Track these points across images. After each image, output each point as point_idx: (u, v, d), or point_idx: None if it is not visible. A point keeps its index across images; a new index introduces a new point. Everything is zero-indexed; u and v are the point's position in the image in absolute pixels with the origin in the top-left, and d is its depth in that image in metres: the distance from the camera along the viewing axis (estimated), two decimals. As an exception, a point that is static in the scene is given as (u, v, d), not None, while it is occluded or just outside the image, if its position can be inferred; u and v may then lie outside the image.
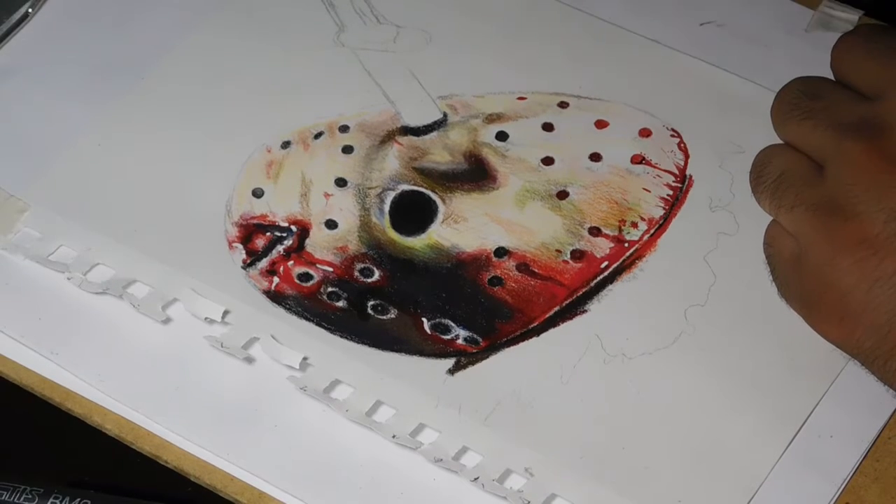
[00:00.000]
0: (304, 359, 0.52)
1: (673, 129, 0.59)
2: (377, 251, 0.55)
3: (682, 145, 0.59)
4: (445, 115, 0.60)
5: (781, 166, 0.51)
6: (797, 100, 0.51)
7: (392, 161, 0.58)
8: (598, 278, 0.55)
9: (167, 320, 0.54)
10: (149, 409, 0.51)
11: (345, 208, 0.57)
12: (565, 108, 0.60)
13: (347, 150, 0.58)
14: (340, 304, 0.54)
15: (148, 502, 0.50)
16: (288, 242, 0.56)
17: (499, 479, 0.50)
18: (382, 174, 0.58)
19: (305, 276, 0.55)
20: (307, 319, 0.53)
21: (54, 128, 0.59)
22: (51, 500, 0.49)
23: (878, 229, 0.47)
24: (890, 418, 0.51)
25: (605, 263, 0.55)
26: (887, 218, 0.47)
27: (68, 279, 0.54)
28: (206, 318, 0.53)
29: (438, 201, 0.57)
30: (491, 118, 0.60)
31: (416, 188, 0.57)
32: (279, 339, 0.53)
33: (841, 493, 0.49)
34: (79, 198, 0.57)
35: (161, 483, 0.51)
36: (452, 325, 0.53)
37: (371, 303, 0.54)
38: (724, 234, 0.56)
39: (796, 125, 0.51)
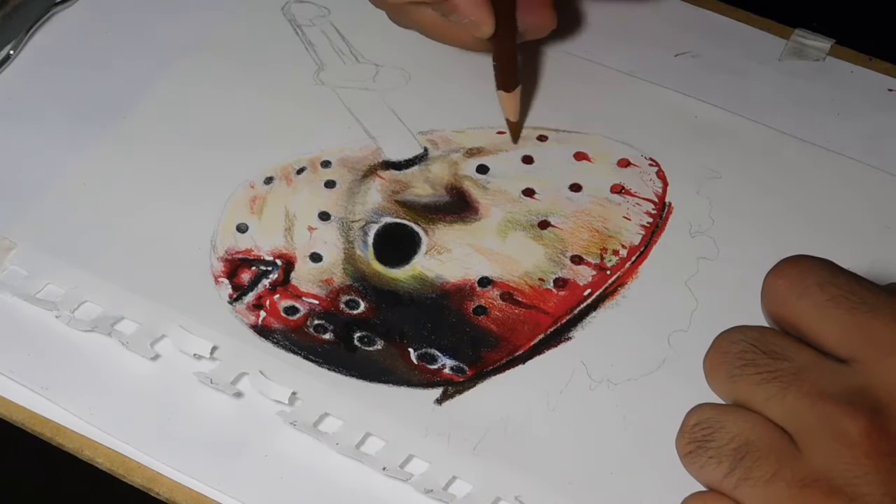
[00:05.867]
0: (293, 393, 0.52)
1: (651, 159, 0.60)
2: (362, 283, 0.56)
3: (661, 173, 0.59)
4: (426, 149, 0.60)
5: (744, 434, 0.42)
6: (750, 355, 0.43)
7: (374, 194, 0.59)
8: (582, 306, 0.55)
9: (156, 357, 0.54)
10: (140, 441, 0.51)
11: (329, 241, 0.57)
12: (544, 141, 0.61)
13: (330, 184, 0.59)
14: (327, 336, 0.54)
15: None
16: (273, 276, 0.56)
17: (490, 508, 0.50)
18: (365, 207, 0.58)
19: (292, 310, 0.55)
20: (294, 353, 0.54)
21: (39, 167, 0.59)
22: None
23: None
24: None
25: (588, 291, 0.56)
26: None
27: (56, 318, 0.54)
28: (194, 355, 0.53)
29: (421, 233, 0.57)
30: (471, 152, 0.60)
31: (399, 220, 0.58)
32: (267, 374, 0.53)
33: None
34: (65, 236, 0.57)
35: (152, 517, 0.51)
36: (439, 354, 0.54)
37: (357, 334, 0.54)
38: (704, 259, 0.57)
39: (755, 386, 0.43)
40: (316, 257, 0.57)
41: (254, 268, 0.56)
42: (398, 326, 0.54)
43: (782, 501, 0.41)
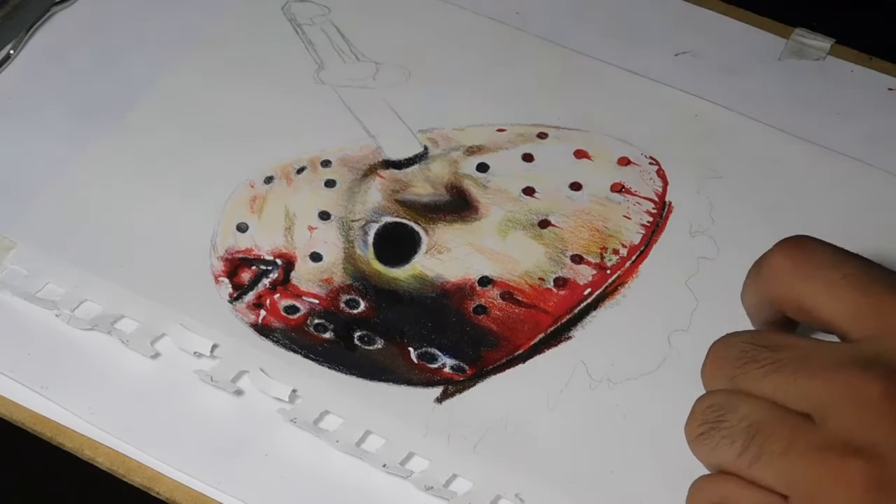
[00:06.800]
0: (293, 391, 0.52)
1: (651, 157, 0.60)
2: (362, 282, 0.56)
3: (661, 172, 0.59)
4: (426, 148, 0.60)
5: (755, 413, 0.42)
6: (752, 353, 0.43)
7: (374, 194, 0.59)
8: (582, 305, 0.55)
9: (156, 355, 0.54)
10: (140, 441, 0.51)
11: (329, 241, 0.57)
12: (544, 138, 0.61)
13: (330, 183, 0.59)
14: (327, 335, 0.54)
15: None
16: (274, 275, 0.56)
17: (490, 506, 0.50)
18: (365, 207, 0.58)
19: (292, 309, 0.55)
20: (295, 352, 0.54)
21: (39, 166, 0.59)
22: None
23: None
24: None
25: (589, 290, 0.56)
26: None
27: (56, 316, 0.54)
28: (194, 353, 0.53)
29: (422, 232, 0.57)
30: (471, 150, 0.60)
31: (399, 220, 0.58)
32: (267, 373, 0.53)
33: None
34: (65, 235, 0.57)
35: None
36: (439, 353, 0.54)
37: (357, 334, 0.54)
38: (704, 259, 0.57)
39: (762, 379, 0.42)
40: (316, 257, 0.57)
41: (254, 267, 0.56)
42: (398, 326, 0.54)
43: (797, 470, 0.41)
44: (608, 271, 0.56)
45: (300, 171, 0.59)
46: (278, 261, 0.56)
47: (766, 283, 0.44)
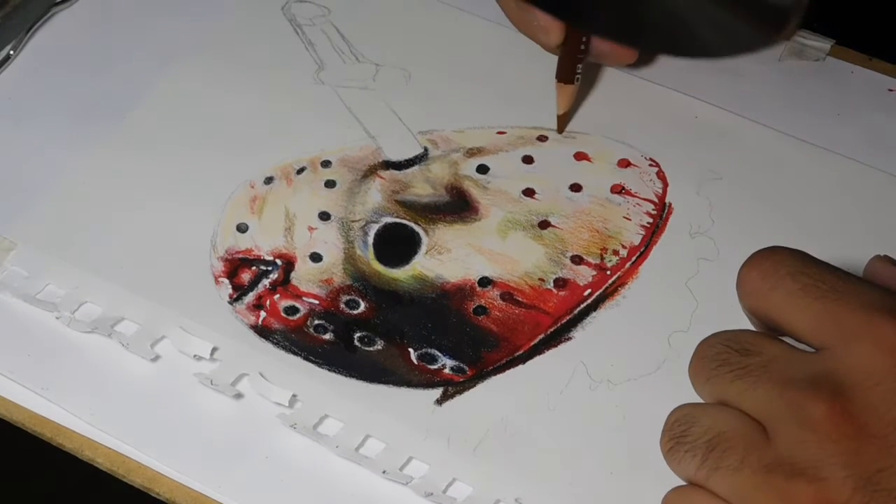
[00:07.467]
0: (293, 395, 0.52)
1: (651, 159, 0.60)
2: (362, 283, 0.56)
3: (661, 174, 0.60)
4: (426, 149, 0.60)
5: (717, 426, 0.43)
6: (725, 355, 0.44)
7: (375, 194, 0.59)
8: (582, 306, 0.55)
9: (156, 357, 0.54)
10: (140, 441, 0.51)
11: (329, 241, 0.57)
12: (544, 141, 0.61)
13: (330, 184, 0.59)
14: (327, 336, 0.54)
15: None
16: (274, 276, 0.56)
17: (490, 511, 0.50)
18: (365, 207, 0.58)
19: (292, 310, 0.55)
20: (295, 353, 0.54)
21: (39, 167, 0.59)
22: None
23: (846, 496, 0.41)
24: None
25: (589, 291, 0.56)
26: (856, 485, 0.41)
27: (57, 318, 0.54)
28: (194, 356, 0.53)
29: (422, 233, 0.57)
30: (471, 152, 0.60)
31: (399, 220, 0.58)
32: (267, 376, 0.53)
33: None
34: (65, 236, 0.57)
35: (153, 517, 0.51)
36: (439, 354, 0.54)
37: (357, 334, 0.54)
38: (704, 260, 0.57)
39: (729, 383, 0.43)
40: (316, 257, 0.57)
41: (254, 268, 0.56)
42: (398, 326, 0.54)
43: (748, 487, 0.42)
44: (608, 272, 0.56)
45: (300, 171, 0.59)
46: (278, 261, 0.56)
47: (741, 296, 0.45)
